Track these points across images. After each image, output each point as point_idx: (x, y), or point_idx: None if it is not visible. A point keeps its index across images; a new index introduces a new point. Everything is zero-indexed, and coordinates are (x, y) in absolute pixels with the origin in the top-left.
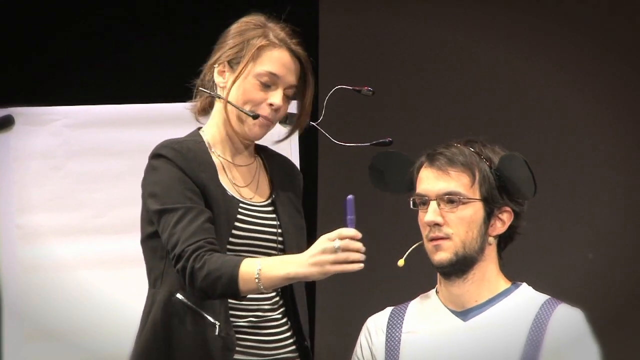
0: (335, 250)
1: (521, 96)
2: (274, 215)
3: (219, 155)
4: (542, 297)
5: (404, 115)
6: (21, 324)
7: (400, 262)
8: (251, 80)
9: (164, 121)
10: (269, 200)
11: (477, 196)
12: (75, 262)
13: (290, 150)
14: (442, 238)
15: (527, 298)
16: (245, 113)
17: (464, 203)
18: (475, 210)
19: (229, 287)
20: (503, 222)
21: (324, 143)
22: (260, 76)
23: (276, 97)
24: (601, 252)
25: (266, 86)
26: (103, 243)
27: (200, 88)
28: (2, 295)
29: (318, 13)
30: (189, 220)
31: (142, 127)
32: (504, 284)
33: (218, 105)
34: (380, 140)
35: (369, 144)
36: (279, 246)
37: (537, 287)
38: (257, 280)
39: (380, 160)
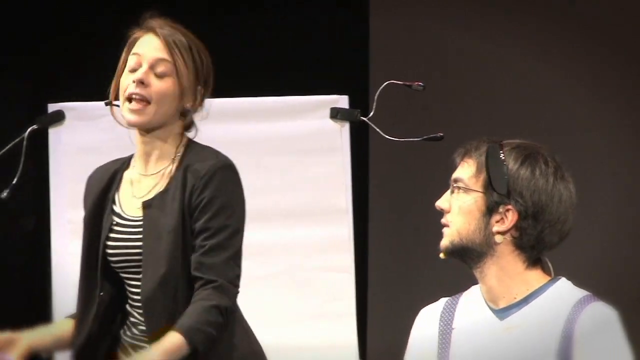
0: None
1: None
2: (140, 223)
3: (134, 167)
4: (579, 294)
5: (455, 110)
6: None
7: (442, 254)
8: (125, 72)
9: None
10: (141, 208)
11: (479, 188)
12: None
13: (342, 145)
14: (446, 225)
15: (564, 295)
16: (105, 104)
17: (464, 191)
18: (474, 202)
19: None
20: (505, 220)
21: (375, 138)
22: (128, 62)
23: (137, 73)
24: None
25: (133, 71)
26: None
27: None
28: (53, 290)
29: (369, 8)
30: None
31: None
32: (540, 279)
33: None
34: (432, 136)
35: (419, 139)
36: (138, 251)
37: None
38: None
39: None
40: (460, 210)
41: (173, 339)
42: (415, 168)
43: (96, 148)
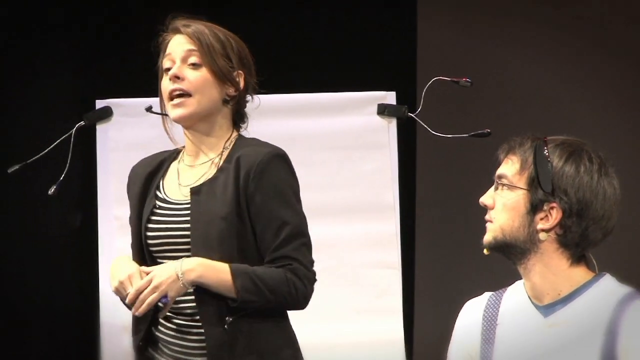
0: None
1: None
2: (184, 206)
3: (182, 160)
4: (623, 290)
5: (502, 106)
6: (119, 314)
7: (486, 250)
8: (163, 77)
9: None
10: (188, 196)
11: (523, 185)
12: None
13: (389, 141)
14: (489, 221)
15: (608, 291)
16: (146, 110)
17: (508, 188)
18: (518, 198)
19: None
20: (549, 217)
21: (422, 134)
22: (163, 66)
23: (172, 70)
24: None
25: (168, 70)
26: None
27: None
28: (100, 286)
29: (416, 5)
30: None
31: None
32: (584, 276)
33: None
34: (479, 132)
35: (467, 135)
36: (180, 233)
37: None
38: None
39: None
40: (504, 207)
41: (222, 265)
42: (462, 164)
43: (143, 144)
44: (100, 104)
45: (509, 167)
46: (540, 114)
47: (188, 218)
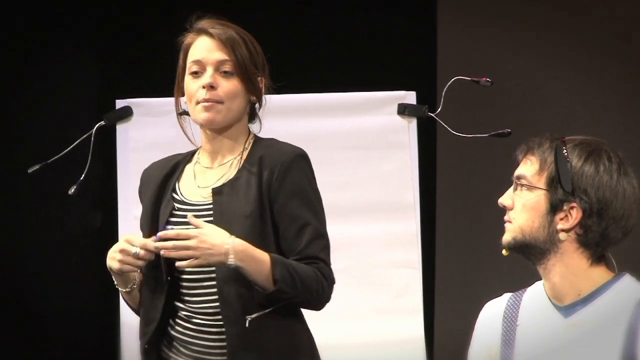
0: (132, 253)
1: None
2: (204, 207)
3: (198, 162)
4: None
5: (522, 106)
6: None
7: (505, 251)
8: (187, 78)
9: (288, 112)
10: (210, 198)
11: (542, 185)
12: None
13: (409, 141)
14: (508, 222)
15: (628, 291)
16: (179, 114)
17: (528, 189)
18: (537, 199)
19: None
20: (569, 217)
21: (443, 134)
22: (190, 69)
23: (205, 77)
24: None
25: (197, 75)
26: None
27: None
28: None
29: (436, 5)
30: None
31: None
32: (604, 276)
33: None
34: (499, 131)
35: (487, 135)
36: None
37: None
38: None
39: None
40: (523, 207)
41: (261, 252)
42: (482, 164)
43: (163, 144)
44: (120, 103)
45: (528, 168)
46: (560, 114)
47: (210, 218)
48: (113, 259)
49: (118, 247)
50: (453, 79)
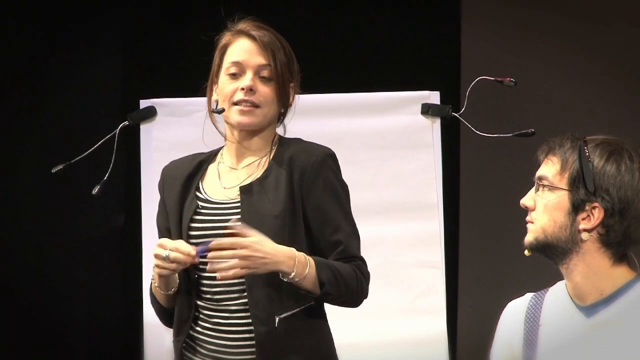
0: (163, 257)
1: None
2: (236, 210)
3: (222, 163)
4: None
5: (546, 106)
6: None
7: (527, 251)
8: (223, 78)
9: (312, 111)
10: (237, 197)
11: (564, 186)
12: None
13: (433, 141)
14: (530, 222)
15: None
16: (214, 112)
17: (549, 189)
18: (559, 199)
19: None
20: (591, 217)
21: (466, 134)
22: (228, 70)
23: (244, 80)
24: None
25: (235, 76)
26: None
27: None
28: (143, 285)
29: (460, 5)
30: None
31: None
32: (626, 275)
33: None
34: (523, 131)
35: (511, 134)
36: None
37: None
38: (153, 281)
39: None
40: (545, 208)
41: (307, 258)
42: (506, 164)
43: (187, 144)
44: (144, 103)
45: (550, 168)
46: (583, 114)
47: (238, 216)
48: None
49: (153, 252)
50: (477, 79)
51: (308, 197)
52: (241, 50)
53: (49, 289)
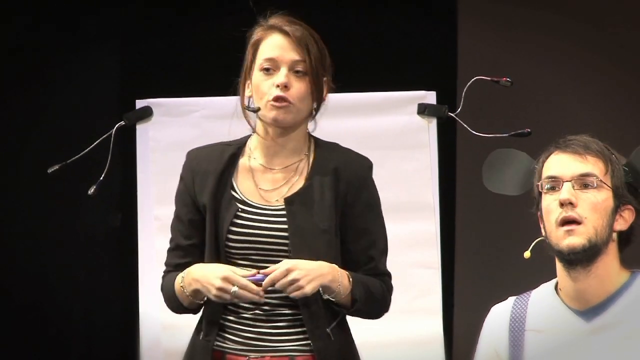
0: (230, 292)
1: None
2: (283, 219)
3: (254, 159)
4: None
5: (542, 106)
6: (158, 314)
7: (527, 254)
8: (257, 74)
9: None
10: (283, 203)
11: (609, 184)
12: None
13: (429, 141)
14: (575, 222)
15: None
16: (249, 111)
17: (598, 188)
18: (607, 198)
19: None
20: (625, 219)
21: (463, 134)
22: (262, 66)
23: (279, 76)
24: None
25: (269, 72)
26: None
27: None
28: (139, 286)
29: (457, 5)
30: None
31: None
32: (623, 275)
33: None
34: (519, 131)
35: (507, 134)
36: (284, 248)
37: None
38: (182, 287)
39: (497, 158)
40: (595, 206)
41: (341, 271)
42: None
43: (183, 144)
44: (140, 103)
45: (593, 166)
46: (580, 114)
47: (283, 226)
48: (209, 288)
49: (218, 283)
50: (473, 79)
51: (347, 211)
52: (274, 46)
53: (44, 289)
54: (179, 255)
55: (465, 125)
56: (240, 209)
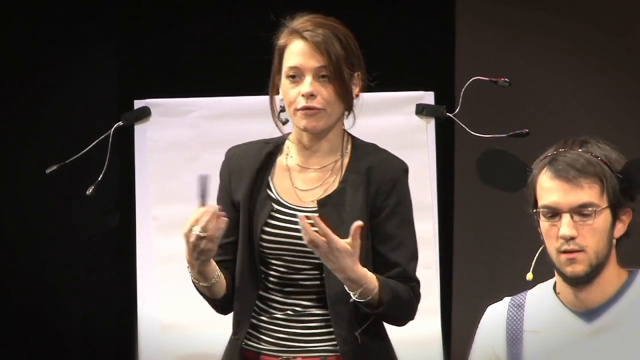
0: (194, 235)
1: None
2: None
3: (291, 157)
4: None
5: (541, 106)
6: (156, 314)
7: (529, 277)
8: (284, 81)
9: None
10: (315, 204)
11: (606, 204)
12: None
13: (427, 141)
14: (577, 251)
15: None
16: (280, 121)
17: (597, 214)
18: (605, 219)
19: None
20: (624, 222)
21: (461, 134)
22: (287, 74)
23: (304, 85)
24: None
25: (295, 80)
26: None
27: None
28: (137, 286)
29: (455, 6)
30: None
31: None
32: (622, 275)
33: None
34: (517, 132)
35: (505, 135)
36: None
37: None
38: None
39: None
40: (595, 232)
41: (373, 277)
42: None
43: (182, 144)
44: (138, 104)
45: (589, 193)
46: (577, 115)
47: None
48: (186, 254)
49: (185, 243)
50: (471, 80)
51: (377, 213)
52: (296, 53)
53: (44, 289)
54: (218, 253)
55: (463, 126)
56: (274, 209)
